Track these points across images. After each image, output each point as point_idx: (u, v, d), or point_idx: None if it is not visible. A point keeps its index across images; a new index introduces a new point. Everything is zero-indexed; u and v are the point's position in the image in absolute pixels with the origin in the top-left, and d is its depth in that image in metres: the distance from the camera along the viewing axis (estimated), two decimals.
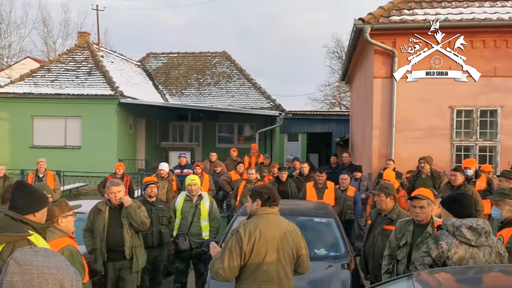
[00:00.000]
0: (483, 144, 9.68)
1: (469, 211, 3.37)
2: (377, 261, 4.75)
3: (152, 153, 19.55)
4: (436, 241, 3.31)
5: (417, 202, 4.09)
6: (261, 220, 3.56)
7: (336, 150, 21.52)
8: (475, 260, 3.19)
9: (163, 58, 24.44)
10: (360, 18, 9.70)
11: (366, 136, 11.18)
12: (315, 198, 7.79)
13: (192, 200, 6.39)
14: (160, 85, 22.49)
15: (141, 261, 5.29)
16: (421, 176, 8.11)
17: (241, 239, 3.44)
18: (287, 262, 3.54)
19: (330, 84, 37.41)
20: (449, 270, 3.10)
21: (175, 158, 12.93)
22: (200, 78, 22.84)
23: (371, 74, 10.25)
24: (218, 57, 23.99)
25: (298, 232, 3.70)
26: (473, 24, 9.21)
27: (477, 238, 3.22)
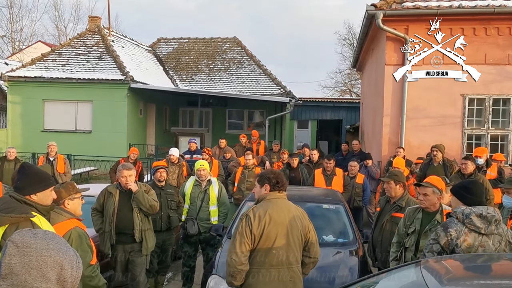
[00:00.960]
0: (495, 133, 9.57)
1: (480, 199, 3.34)
2: (385, 248, 4.75)
3: (162, 138, 19.63)
4: (445, 228, 3.29)
5: (421, 189, 4.09)
6: (270, 205, 3.57)
7: (346, 137, 21.44)
8: (484, 248, 3.17)
9: (173, 44, 24.38)
10: (372, 4, 9.57)
11: (377, 124, 11.11)
12: (324, 185, 7.78)
13: (201, 185, 6.41)
14: (170, 70, 22.47)
15: (151, 245, 5.33)
16: (432, 164, 8.05)
17: (251, 223, 3.45)
18: (296, 246, 3.55)
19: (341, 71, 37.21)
20: (457, 257, 3.09)
21: (185, 144, 12.96)
22: (211, 64, 22.78)
23: (382, 61, 10.15)
24: (229, 43, 23.88)
25: (306, 216, 3.71)
26: (488, 11, 9.05)
27: (487, 226, 3.20)
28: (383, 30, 9.71)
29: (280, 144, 17.06)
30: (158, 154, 16.57)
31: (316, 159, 9.58)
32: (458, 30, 9.48)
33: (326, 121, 24.90)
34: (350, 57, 31.35)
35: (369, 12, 9.61)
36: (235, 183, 9.17)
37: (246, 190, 8.56)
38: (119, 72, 16.99)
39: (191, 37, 24.66)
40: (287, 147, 20.27)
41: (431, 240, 3.37)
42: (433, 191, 4.08)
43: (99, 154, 15.11)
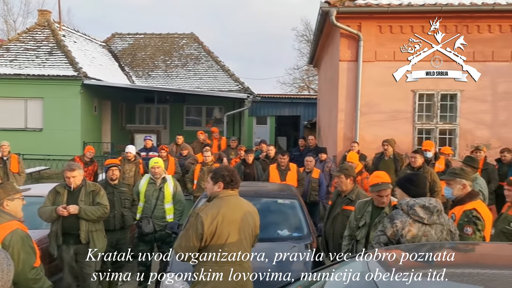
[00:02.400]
0: (443, 127, 9.94)
1: (423, 191, 3.47)
2: (337, 241, 4.85)
3: (118, 136, 19.24)
4: (391, 220, 3.40)
5: (383, 192, 4.16)
6: (223, 203, 3.57)
7: (304, 133, 21.71)
8: (427, 238, 3.30)
9: (129, 39, 23.91)
10: (326, 1, 9.70)
11: (332, 119, 11.31)
12: (278, 180, 7.87)
13: (155, 183, 6.35)
14: (126, 66, 22.03)
15: (100, 246, 5.22)
16: (384, 158, 8.29)
17: (202, 223, 3.44)
18: (247, 243, 3.59)
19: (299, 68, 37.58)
20: (402, 247, 3.19)
21: (141, 141, 12.76)
22: (168, 60, 22.50)
23: (337, 57, 10.32)
24: (185, 39, 23.66)
25: (257, 212, 3.75)
26: (435, 10, 9.36)
27: (430, 216, 3.32)
28: (337, 27, 9.87)
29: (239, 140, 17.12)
30: (114, 152, 16.23)
31: (273, 154, 9.66)
32: (408, 27, 9.76)
33: (285, 117, 25.15)
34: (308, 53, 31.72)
35: (323, 9, 9.75)
36: (194, 181, 9.13)
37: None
38: (71, 68, 16.49)
39: (147, 32, 24.26)
40: (246, 143, 20.36)
41: (378, 232, 3.47)
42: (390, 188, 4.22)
43: (51, 153, 14.65)
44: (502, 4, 9.28)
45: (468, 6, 9.33)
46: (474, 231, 3.74)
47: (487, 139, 9.73)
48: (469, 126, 9.80)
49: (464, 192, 4.00)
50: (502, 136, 9.66)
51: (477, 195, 4.08)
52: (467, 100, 9.75)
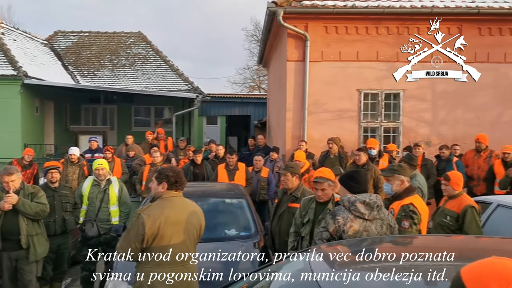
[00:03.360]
0: (387, 125, 10.27)
1: (364, 187, 3.56)
2: (283, 238, 4.89)
3: (62, 138, 18.53)
4: (333, 216, 3.46)
5: (319, 185, 4.24)
6: (167, 204, 3.51)
7: (255, 132, 21.81)
8: (368, 233, 3.38)
9: (73, 37, 23.09)
10: (273, 1, 9.78)
11: (281, 118, 11.41)
12: (227, 180, 7.87)
13: (100, 185, 6.18)
14: (70, 65, 21.27)
15: (41, 251, 5.01)
16: (329, 156, 8.45)
17: (143, 224, 3.37)
18: (192, 243, 3.55)
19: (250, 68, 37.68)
20: (344, 243, 3.26)
21: (86, 142, 12.38)
22: (114, 59, 21.93)
23: (284, 57, 10.43)
24: (133, 38, 23.16)
25: (201, 212, 3.71)
26: (378, 11, 9.65)
27: (370, 212, 3.41)
28: (284, 27, 9.97)
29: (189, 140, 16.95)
30: (58, 154, 15.64)
31: (222, 154, 9.64)
32: (353, 28, 10.01)
33: (235, 117, 25.16)
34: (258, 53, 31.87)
35: (270, 9, 9.82)
36: (142, 182, 8.96)
37: None
38: (10, 67, 15.75)
39: (92, 30, 23.53)
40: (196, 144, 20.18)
41: (321, 228, 3.53)
42: (329, 184, 4.27)
43: None
44: (440, 7, 9.71)
45: (409, 9, 9.69)
46: (411, 224, 3.88)
47: (428, 136, 10.15)
48: (412, 124, 10.18)
49: (402, 188, 4.15)
50: (442, 134, 10.10)
51: (414, 190, 4.24)
52: (409, 99, 10.12)
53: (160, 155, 9.08)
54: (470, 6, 9.74)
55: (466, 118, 10.10)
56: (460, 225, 4.66)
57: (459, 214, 4.72)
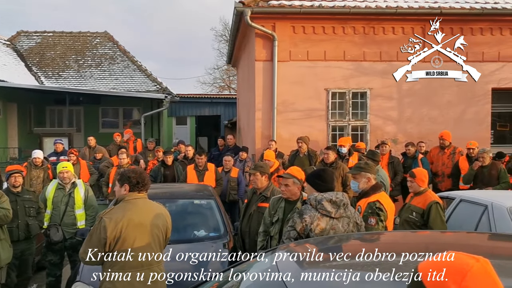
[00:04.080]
0: (355, 124, 10.41)
1: (330, 185, 3.59)
2: (252, 238, 4.89)
3: (26, 140, 17.99)
4: (301, 215, 3.48)
5: (283, 180, 4.27)
6: (129, 206, 3.46)
7: (225, 132, 21.74)
8: (335, 231, 3.41)
9: (36, 38, 22.45)
10: (240, 1, 9.77)
11: (250, 118, 11.42)
12: (196, 181, 7.82)
13: (64, 189, 6.04)
14: (33, 66, 20.68)
15: (4, 257, 4.87)
16: (299, 155, 8.51)
17: (105, 227, 3.32)
18: (156, 246, 3.50)
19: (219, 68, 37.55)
20: (311, 241, 3.27)
21: (51, 145, 12.06)
22: (80, 60, 21.45)
23: (253, 57, 10.43)
24: (99, 38, 22.70)
25: (168, 214, 3.66)
26: (344, 11, 9.77)
27: (337, 210, 3.44)
28: (251, 27, 9.98)
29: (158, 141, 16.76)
30: (22, 157, 15.20)
31: (191, 155, 9.56)
32: (320, 28, 10.10)
33: (205, 117, 25.02)
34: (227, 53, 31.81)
35: (238, 9, 9.81)
36: (109, 184, 8.82)
37: None
38: None
39: (56, 30, 22.94)
40: (165, 144, 19.98)
41: (288, 227, 3.54)
42: (293, 182, 4.28)
43: None
44: (404, 7, 9.90)
45: (374, 9, 9.85)
46: (377, 221, 3.94)
47: (394, 134, 10.34)
48: (379, 122, 10.35)
49: (369, 185, 4.21)
50: (408, 131, 10.31)
51: (381, 187, 4.31)
52: (376, 98, 10.28)
53: (127, 157, 8.96)
54: (433, 6, 9.98)
55: (431, 115, 10.34)
56: (426, 221, 4.77)
57: (424, 210, 4.83)
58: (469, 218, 5.33)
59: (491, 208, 5.10)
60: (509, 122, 11.28)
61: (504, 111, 11.12)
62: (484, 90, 10.40)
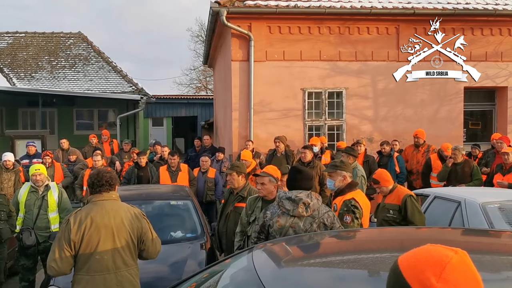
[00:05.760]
0: (331, 123, 10.49)
1: (298, 183, 3.59)
2: (230, 238, 4.87)
3: None
4: (265, 211, 3.57)
5: (259, 179, 4.27)
6: (94, 207, 3.40)
7: (202, 133, 21.65)
8: (294, 229, 3.46)
9: (8, 38, 21.94)
10: (216, 1, 9.74)
11: (227, 118, 11.39)
12: (169, 181, 7.77)
13: (37, 192, 5.90)
14: (5, 67, 20.19)
15: None
16: (276, 155, 8.53)
17: (70, 228, 3.28)
18: (125, 250, 3.39)
19: (196, 68, 37.36)
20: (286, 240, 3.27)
21: (23, 147, 11.78)
22: (53, 61, 21.06)
23: (229, 57, 10.42)
24: (73, 38, 22.31)
25: (140, 216, 3.54)
26: (320, 11, 9.84)
27: (294, 208, 3.47)
28: (227, 27, 9.96)
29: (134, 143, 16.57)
30: None
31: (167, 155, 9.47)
32: (296, 28, 10.15)
33: (182, 118, 24.89)
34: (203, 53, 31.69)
35: (214, 9, 9.78)
36: (83, 187, 8.67)
37: None
38: None
39: (29, 31, 22.45)
40: (142, 146, 19.77)
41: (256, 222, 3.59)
42: (270, 180, 4.28)
43: None
44: (378, 7, 10.02)
45: (349, 9, 9.94)
46: (353, 219, 3.97)
47: (370, 133, 10.46)
48: (354, 122, 10.45)
49: (345, 183, 4.23)
50: (383, 130, 10.45)
51: (356, 185, 4.34)
52: (352, 97, 10.38)
53: (102, 159, 8.82)
54: (406, 7, 10.13)
55: (405, 114, 10.49)
56: (404, 216, 4.79)
57: (400, 205, 4.86)
58: (443, 214, 5.43)
59: (464, 204, 5.20)
60: (480, 120, 11.54)
61: (475, 109, 11.38)
62: (456, 89, 10.62)
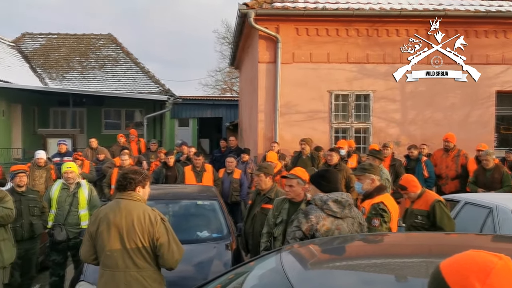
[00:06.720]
0: (358, 126, 10.40)
1: (335, 186, 3.58)
2: (256, 239, 4.88)
3: (30, 141, 18.06)
4: (306, 215, 3.48)
5: (287, 181, 4.26)
6: (112, 204, 3.49)
7: (227, 134, 21.76)
8: (340, 231, 3.41)
9: (41, 39, 22.58)
10: (244, 3, 9.80)
11: (253, 120, 11.43)
12: (194, 181, 7.84)
13: (69, 189, 6.05)
14: (38, 68, 20.78)
15: (7, 256, 4.87)
16: (302, 157, 8.51)
17: (91, 220, 3.51)
18: (135, 251, 3.33)
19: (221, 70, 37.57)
20: (316, 241, 3.27)
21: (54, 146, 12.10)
22: (84, 62, 21.55)
23: (256, 59, 10.45)
24: (103, 40, 22.81)
25: (154, 221, 3.38)
26: (348, 13, 9.78)
27: (342, 210, 3.44)
28: (255, 29, 10.00)
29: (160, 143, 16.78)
30: (26, 158, 15.24)
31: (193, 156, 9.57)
32: (323, 30, 10.11)
33: (207, 119, 25.06)
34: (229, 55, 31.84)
35: (242, 11, 9.83)
36: (111, 185, 8.82)
37: None
38: None
39: (61, 32, 23.06)
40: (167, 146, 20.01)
41: (293, 227, 3.53)
42: (298, 182, 4.28)
43: None
44: (408, 9, 9.91)
45: (378, 11, 9.85)
46: (381, 223, 3.93)
47: (397, 136, 10.33)
48: (382, 125, 10.34)
49: (373, 187, 4.20)
50: (411, 134, 10.30)
51: (385, 189, 4.30)
52: (379, 100, 10.28)
53: (129, 158, 8.96)
54: (438, 8, 9.98)
55: (435, 118, 10.32)
56: (433, 222, 4.70)
57: (428, 211, 4.77)
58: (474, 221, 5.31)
59: (496, 210, 5.08)
60: None
61: (507, 114, 11.10)
62: (488, 92, 10.39)
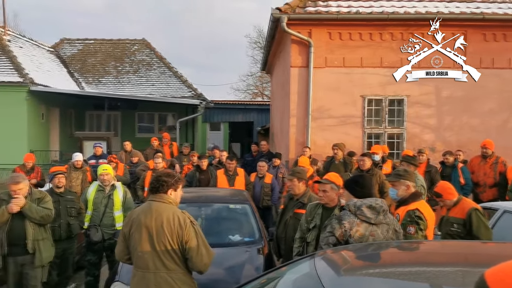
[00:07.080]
0: (391, 131, 10.24)
1: (369, 191, 3.54)
2: (288, 244, 4.86)
3: (67, 144, 18.61)
4: (340, 221, 3.44)
5: (321, 186, 4.23)
6: (144, 206, 3.56)
7: (258, 139, 21.81)
8: (374, 237, 3.36)
9: (78, 45, 23.28)
10: (277, 8, 9.82)
11: (284, 125, 11.42)
12: (226, 185, 7.88)
13: (104, 190, 6.19)
14: (75, 72, 21.42)
15: (46, 255, 5.01)
16: (334, 162, 8.44)
17: (124, 222, 3.61)
18: (164, 253, 3.37)
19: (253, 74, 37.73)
20: (350, 247, 3.24)
21: (90, 148, 12.42)
22: (119, 66, 22.07)
23: (288, 63, 10.45)
24: (137, 45, 23.32)
25: (183, 224, 3.42)
26: (382, 17, 9.67)
27: (376, 216, 3.40)
28: (287, 33, 10.00)
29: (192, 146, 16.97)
30: (63, 160, 15.69)
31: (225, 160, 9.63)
32: (357, 34, 10.02)
33: (238, 123, 25.21)
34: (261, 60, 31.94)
35: (274, 15, 9.86)
36: (145, 188, 8.96)
37: None
38: (17, 74, 15.85)
39: (97, 38, 23.71)
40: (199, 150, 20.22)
41: (327, 233, 3.50)
42: (332, 187, 4.24)
43: None
44: (445, 12, 9.71)
45: (413, 15, 9.70)
46: (416, 230, 3.85)
47: (432, 142, 10.11)
48: (416, 130, 10.15)
49: (408, 193, 4.12)
50: (447, 140, 10.07)
51: (420, 195, 4.21)
52: (414, 105, 10.10)
53: (163, 161, 9.09)
54: (475, 12, 9.74)
55: (471, 124, 10.06)
56: (469, 231, 4.58)
57: (465, 219, 4.65)
58: None
59: None
60: None
61: None
62: None
